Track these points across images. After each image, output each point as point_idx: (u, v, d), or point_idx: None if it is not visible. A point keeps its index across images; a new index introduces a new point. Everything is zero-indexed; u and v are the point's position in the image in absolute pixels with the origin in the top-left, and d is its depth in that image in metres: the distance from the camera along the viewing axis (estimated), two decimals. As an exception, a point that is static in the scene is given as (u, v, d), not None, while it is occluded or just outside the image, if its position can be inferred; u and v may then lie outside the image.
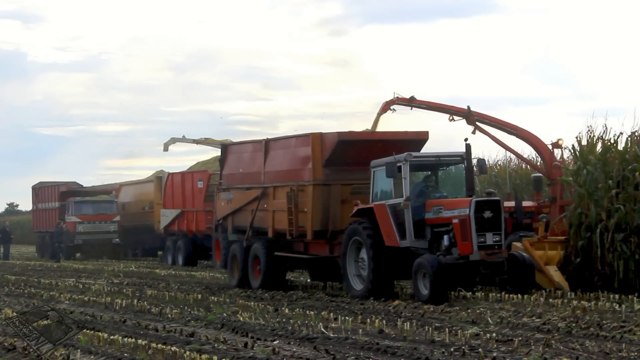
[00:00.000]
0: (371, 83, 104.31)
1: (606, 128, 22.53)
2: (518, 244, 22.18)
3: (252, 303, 20.22)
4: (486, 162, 22.16)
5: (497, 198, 20.86)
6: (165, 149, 49.95)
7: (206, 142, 49.32)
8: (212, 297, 22.26)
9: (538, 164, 29.71)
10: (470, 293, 20.42)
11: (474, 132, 26.83)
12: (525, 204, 25.81)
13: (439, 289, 19.48)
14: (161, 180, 46.95)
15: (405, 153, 20.74)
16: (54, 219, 48.60)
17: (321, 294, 22.70)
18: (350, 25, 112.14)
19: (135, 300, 21.80)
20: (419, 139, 23.30)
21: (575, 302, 18.32)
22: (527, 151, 31.09)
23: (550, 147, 26.77)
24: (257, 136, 27.43)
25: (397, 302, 19.88)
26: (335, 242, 22.93)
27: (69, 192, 49.05)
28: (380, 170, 21.13)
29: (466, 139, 21.09)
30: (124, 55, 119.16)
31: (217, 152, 49.93)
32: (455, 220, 19.92)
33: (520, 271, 20.40)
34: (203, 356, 12.70)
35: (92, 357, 13.70)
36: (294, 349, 13.83)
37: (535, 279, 20.92)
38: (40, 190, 52.17)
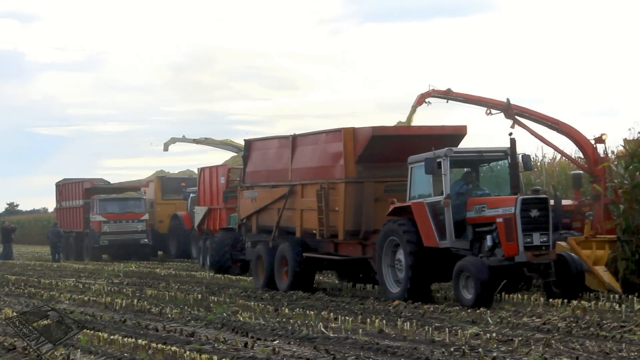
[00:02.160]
0: (370, 82, 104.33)
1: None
2: (563, 244, 20.98)
3: (252, 303, 20.21)
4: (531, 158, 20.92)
5: (545, 196, 19.69)
6: (165, 148, 49.94)
7: (206, 141, 49.32)
8: (212, 297, 22.24)
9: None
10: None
11: (512, 126, 25.78)
12: (564, 202, 24.63)
13: (486, 292, 18.49)
14: (161, 180, 46.92)
15: (446, 148, 19.75)
16: (78, 218, 45.86)
17: (321, 294, 22.68)
18: (348, 24, 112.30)
19: (135, 300, 21.78)
20: (457, 134, 22.13)
21: (575, 302, 18.30)
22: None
23: (593, 142, 25.58)
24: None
25: (397, 302, 19.85)
26: (368, 242, 21.95)
27: (94, 189, 45.67)
28: (418, 167, 20.15)
29: (510, 133, 19.98)
30: (123, 54, 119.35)
31: (218, 152, 50.07)
32: (500, 220, 18.90)
33: (570, 274, 19.29)
34: (203, 356, 12.70)
35: (92, 357, 13.70)
36: (294, 349, 13.83)
37: (585, 282, 19.85)
38: (64, 188, 48.47)
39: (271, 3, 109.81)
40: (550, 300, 18.97)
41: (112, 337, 14.82)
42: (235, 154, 43.75)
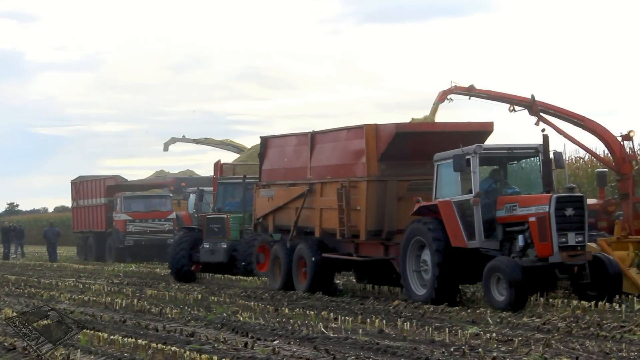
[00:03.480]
0: (369, 82, 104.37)
1: None
2: (592, 245, 19.93)
3: (252, 303, 20.21)
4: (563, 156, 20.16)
5: (581, 194, 19.02)
6: (165, 148, 50.09)
7: (206, 142, 49.42)
8: (212, 297, 22.24)
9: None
10: (470, 294, 20.12)
11: (537, 124, 24.74)
12: (589, 201, 23.21)
13: (519, 294, 17.74)
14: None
15: (475, 145, 19.08)
16: (98, 217, 43.78)
17: (321, 293, 22.66)
18: (347, 24, 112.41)
19: (135, 300, 21.78)
20: (483, 131, 21.33)
21: (575, 302, 18.29)
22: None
23: (620, 139, 24.62)
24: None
25: (397, 302, 19.83)
26: (390, 243, 21.26)
27: (117, 187, 43.57)
28: (445, 164, 19.47)
29: (543, 130, 19.54)
30: (122, 54, 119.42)
31: (218, 152, 50.11)
32: (532, 219, 18.14)
33: (607, 275, 18.44)
34: (203, 356, 12.70)
35: (92, 357, 13.70)
36: (294, 349, 13.83)
37: (622, 285, 18.95)
38: (81, 185, 45.93)
39: (270, 3, 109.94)
40: (550, 300, 18.94)
41: (112, 337, 14.82)
42: (238, 155, 43.38)
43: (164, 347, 13.53)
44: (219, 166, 34.34)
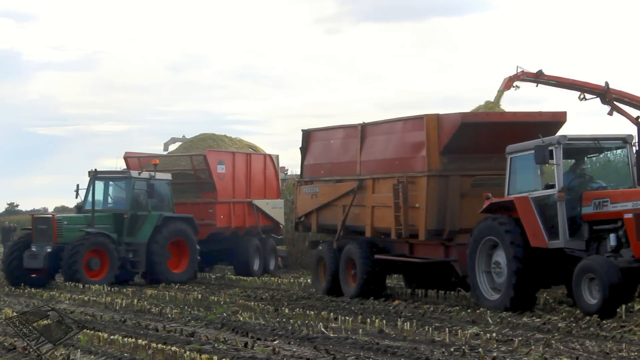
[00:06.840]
0: (367, 81, 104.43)
1: None
2: None
3: (252, 303, 20.22)
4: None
5: None
6: (165, 149, 49.88)
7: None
8: (212, 297, 22.25)
9: None
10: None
11: (610, 113, 23.43)
12: None
13: (614, 297, 16.07)
14: None
15: (558, 135, 17.60)
16: None
17: (321, 294, 22.66)
18: (344, 23, 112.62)
19: (135, 300, 21.78)
20: (555, 121, 19.70)
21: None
22: None
23: None
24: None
25: (397, 302, 19.84)
26: (451, 243, 19.84)
27: None
28: (520, 157, 17.99)
29: (637, 117, 18.27)
30: (120, 54, 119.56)
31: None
32: (629, 215, 16.30)
33: None
34: (203, 356, 12.69)
35: (92, 357, 13.70)
36: (294, 349, 13.82)
37: None
38: None
39: (267, 3, 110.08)
40: (551, 300, 18.94)
41: (112, 337, 14.82)
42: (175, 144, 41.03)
43: (164, 347, 13.52)
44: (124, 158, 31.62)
